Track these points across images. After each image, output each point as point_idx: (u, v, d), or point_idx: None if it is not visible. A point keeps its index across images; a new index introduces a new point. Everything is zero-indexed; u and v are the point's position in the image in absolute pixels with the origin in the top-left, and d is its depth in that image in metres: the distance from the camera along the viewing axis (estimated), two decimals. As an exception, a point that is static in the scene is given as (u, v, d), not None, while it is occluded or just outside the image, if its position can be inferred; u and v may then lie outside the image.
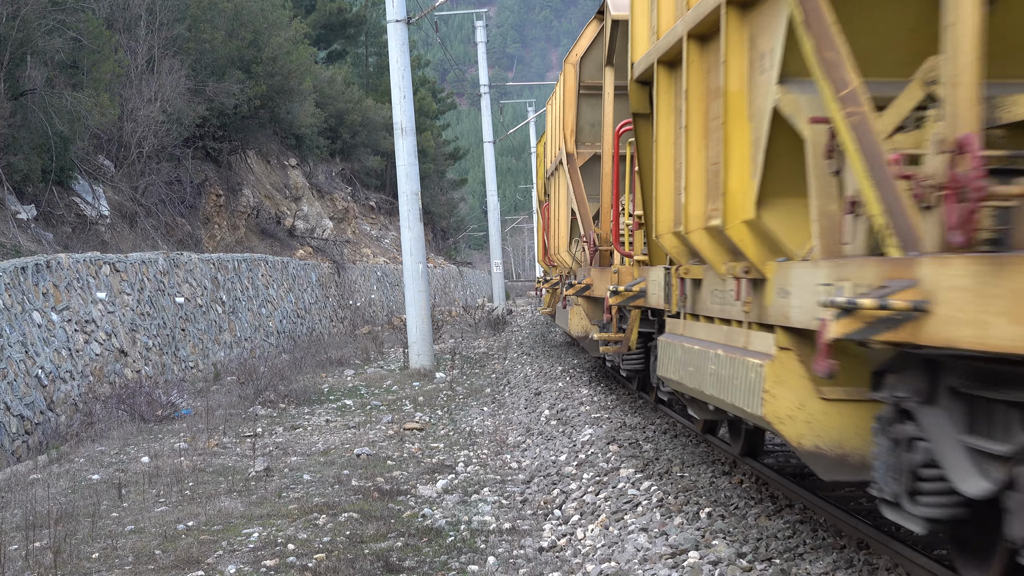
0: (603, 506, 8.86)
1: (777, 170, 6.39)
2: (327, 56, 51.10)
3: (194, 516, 9.41)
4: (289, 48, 29.05)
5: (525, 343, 28.02)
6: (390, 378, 20.14)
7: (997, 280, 3.99)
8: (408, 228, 21.35)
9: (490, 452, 12.55)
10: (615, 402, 14.87)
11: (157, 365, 18.20)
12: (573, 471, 10.49)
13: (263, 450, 12.68)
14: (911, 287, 4.59)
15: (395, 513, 9.33)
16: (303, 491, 10.42)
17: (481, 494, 10.12)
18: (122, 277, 17.63)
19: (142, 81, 22.86)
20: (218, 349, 21.35)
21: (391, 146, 29.53)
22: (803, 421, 6.08)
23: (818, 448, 6.11)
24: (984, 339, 4.07)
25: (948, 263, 4.33)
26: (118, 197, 21.70)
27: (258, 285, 24.91)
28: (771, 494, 8.74)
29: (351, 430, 14.32)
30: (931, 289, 4.47)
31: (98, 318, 16.37)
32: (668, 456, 10.61)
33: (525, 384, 18.61)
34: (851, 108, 5.26)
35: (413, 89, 24.56)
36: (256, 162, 32.77)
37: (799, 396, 6.13)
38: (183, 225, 24.14)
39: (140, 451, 12.78)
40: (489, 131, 46.95)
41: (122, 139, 22.36)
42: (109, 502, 10.08)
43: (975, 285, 4.14)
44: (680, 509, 8.33)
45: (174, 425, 14.70)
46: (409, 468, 11.57)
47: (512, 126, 79.14)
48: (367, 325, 33.74)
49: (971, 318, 4.16)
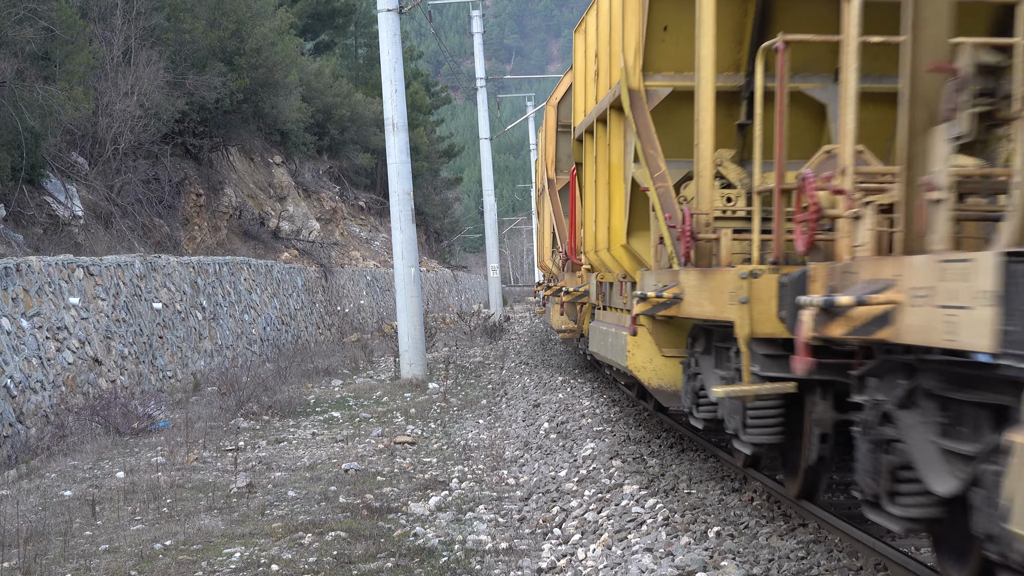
0: (606, 525, 8.88)
1: (636, 213, 11.16)
2: (314, 47, 51.16)
3: (172, 535, 9.42)
4: (274, 39, 29.10)
5: (523, 352, 28.04)
6: (380, 389, 20.16)
7: (705, 282, 8.51)
8: (399, 230, 21.38)
9: (486, 467, 12.57)
10: (618, 415, 14.89)
11: (133, 375, 18.21)
12: (574, 487, 10.51)
13: (245, 465, 12.69)
14: (676, 285, 9.17)
15: (385, 532, 9.34)
16: (288, 508, 10.43)
17: (476, 512, 10.14)
18: (96, 281, 17.64)
19: (118, 74, 22.89)
20: (198, 358, 21.36)
21: (382, 143, 29.50)
22: (651, 370, 10.80)
23: (660, 387, 10.87)
24: (701, 312, 8.59)
25: (688, 273, 8.94)
26: (92, 197, 21.72)
27: (240, 290, 24.93)
28: (783, 512, 8.75)
29: (339, 444, 14.33)
30: (683, 286, 9.01)
31: (71, 325, 16.38)
32: (674, 472, 10.63)
33: (523, 395, 18.64)
34: (660, 184, 9.92)
35: (405, 82, 24.60)
36: (239, 160, 32.81)
37: (649, 354, 10.82)
38: (161, 226, 24.16)
39: (115, 466, 12.79)
40: (486, 127, 46.99)
41: (97, 135, 22.39)
42: (82, 520, 10.09)
43: (697, 284, 8.69)
44: (687, 528, 8.34)
45: (151, 438, 14.71)
46: (400, 484, 11.58)
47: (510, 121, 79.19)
48: (356, 332, 33.76)
49: (696, 301, 8.71)
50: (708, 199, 9.28)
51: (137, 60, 23.33)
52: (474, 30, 47.75)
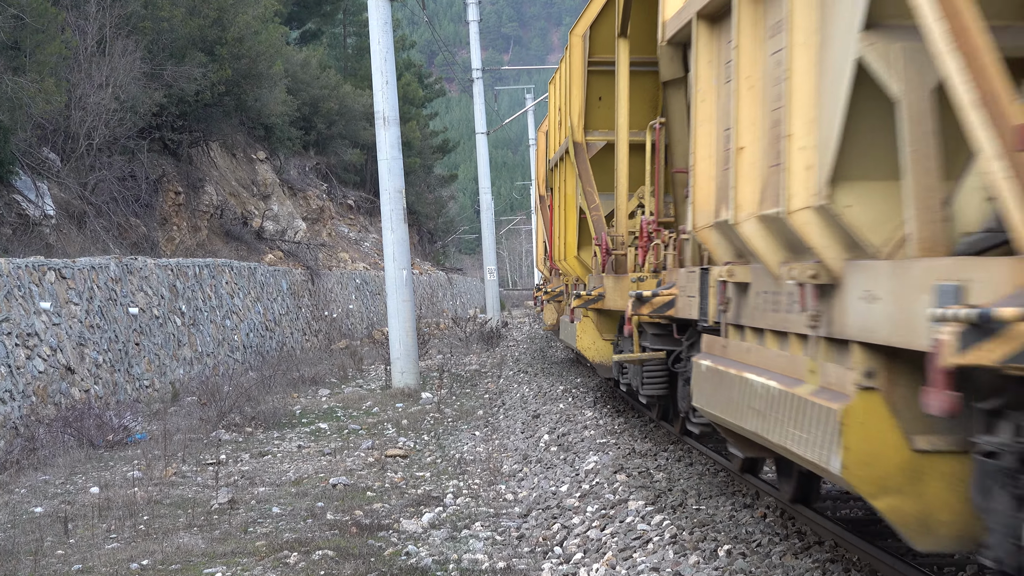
0: (609, 543, 8.88)
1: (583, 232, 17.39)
2: (300, 36, 51.21)
3: (149, 554, 9.42)
4: (258, 27, 29.11)
5: (522, 359, 28.06)
6: (370, 399, 20.17)
7: (616, 284, 13.89)
8: (391, 230, 21.39)
9: (482, 482, 12.57)
10: (623, 426, 14.90)
11: (108, 384, 18.21)
12: (576, 503, 10.51)
13: (227, 480, 12.69)
14: (600, 287, 14.09)
15: (375, 551, 9.34)
16: (272, 526, 10.43)
17: (472, 529, 10.14)
18: (69, 285, 17.64)
19: (92, 64, 22.90)
20: (177, 366, 21.37)
21: (372, 138, 29.52)
22: (595, 350, 15.08)
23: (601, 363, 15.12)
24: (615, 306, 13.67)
25: (607, 278, 14.04)
26: (65, 195, 21.72)
27: (222, 294, 24.94)
28: (798, 530, 8.76)
29: (326, 457, 14.34)
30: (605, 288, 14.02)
31: (42, 331, 16.38)
32: (682, 486, 10.64)
33: (522, 405, 18.65)
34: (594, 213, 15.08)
35: (397, 74, 24.62)
36: (220, 155, 32.82)
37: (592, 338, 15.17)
38: (138, 226, 24.17)
39: (89, 480, 12.79)
40: (482, 121, 47.04)
41: (69, 129, 22.39)
42: (54, 538, 10.09)
43: (612, 285, 13.97)
44: (696, 546, 8.35)
45: (127, 451, 14.70)
46: (391, 500, 11.59)
47: (508, 115, 79.33)
48: (344, 339, 33.77)
49: (612, 298, 13.83)
50: (624, 224, 13.85)
51: (112, 50, 23.33)
52: (470, 18, 47.80)
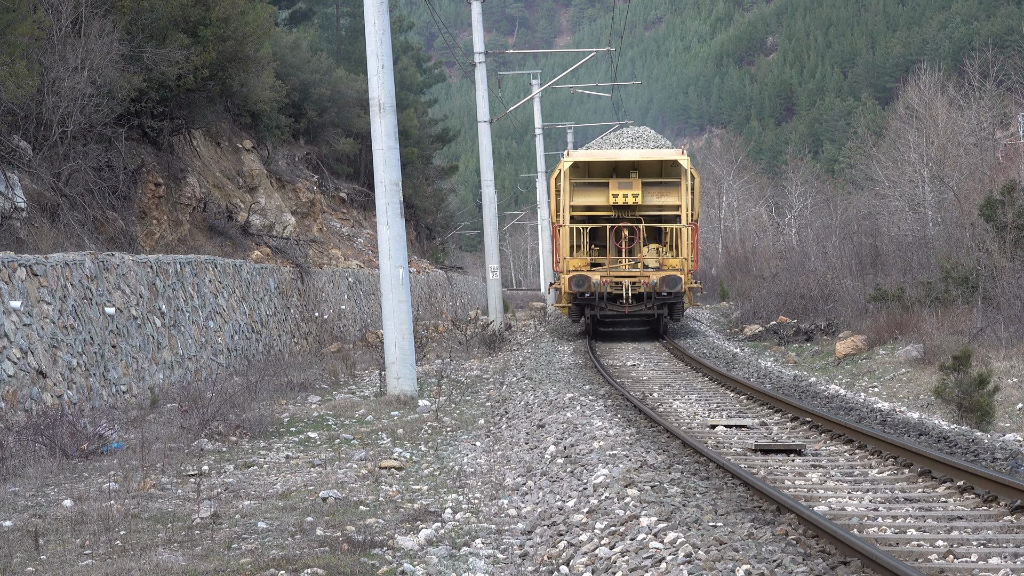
0: (619, 562, 8.89)
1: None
2: (290, 17, 51.26)
3: (126, 572, 9.43)
4: (244, 7, 29.12)
5: (527, 364, 28.07)
6: (363, 406, 20.18)
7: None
8: (386, 225, 21.41)
9: (484, 496, 12.57)
10: (635, 436, 14.91)
11: (82, 389, 18.24)
12: (583, 519, 10.52)
13: (210, 492, 12.70)
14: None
15: (369, 569, 9.35)
16: (258, 542, 10.44)
17: (472, 547, 10.14)
18: (41, 283, 17.68)
19: (66, 46, 22.93)
20: (156, 370, 21.40)
21: (366, 126, 29.55)
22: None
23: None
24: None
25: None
26: (36, 186, 21.76)
27: (205, 293, 24.98)
28: (821, 549, 8.77)
29: (316, 469, 14.35)
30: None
31: (11, 332, 16.41)
32: (698, 502, 10.64)
33: (526, 414, 18.66)
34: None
35: (394, 57, 24.62)
36: (203, 144, 32.86)
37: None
38: (115, 220, 24.20)
39: (61, 493, 12.81)
40: (485, 109, 47.00)
41: (42, 116, 22.43)
42: (23, 554, 10.10)
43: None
44: (712, 566, 8.36)
45: (103, 462, 14.72)
46: (386, 515, 11.59)
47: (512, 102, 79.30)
48: (336, 342, 33.80)
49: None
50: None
51: (88, 31, 23.37)
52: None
